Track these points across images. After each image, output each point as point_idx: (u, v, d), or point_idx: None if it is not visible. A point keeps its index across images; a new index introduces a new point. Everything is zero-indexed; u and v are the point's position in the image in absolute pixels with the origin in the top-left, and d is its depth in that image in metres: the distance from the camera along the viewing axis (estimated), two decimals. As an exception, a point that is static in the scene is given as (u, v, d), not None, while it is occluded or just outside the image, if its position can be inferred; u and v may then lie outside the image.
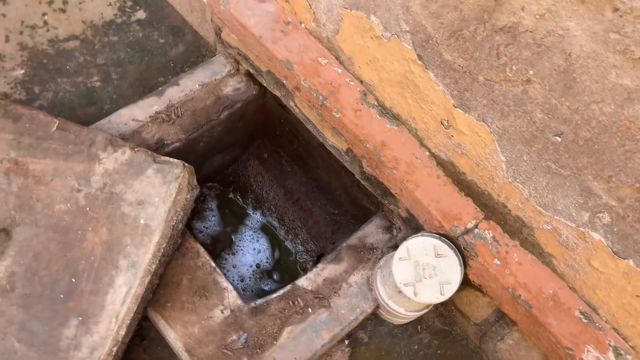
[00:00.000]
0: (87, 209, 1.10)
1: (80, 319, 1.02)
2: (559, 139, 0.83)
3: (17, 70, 1.37)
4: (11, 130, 1.14)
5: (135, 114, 1.30)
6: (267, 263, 1.52)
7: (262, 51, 1.18)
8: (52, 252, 1.06)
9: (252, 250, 1.52)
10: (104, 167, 1.13)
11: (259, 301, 1.15)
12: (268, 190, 1.61)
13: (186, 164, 1.15)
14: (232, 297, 1.14)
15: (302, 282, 1.20)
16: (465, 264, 1.06)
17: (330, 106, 1.12)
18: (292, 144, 1.50)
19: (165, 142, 1.29)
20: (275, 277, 1.50)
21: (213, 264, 1.18)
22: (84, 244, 1.07)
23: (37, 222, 1.08)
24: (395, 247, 1.27)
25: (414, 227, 1.17)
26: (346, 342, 1.22)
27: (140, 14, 1.50)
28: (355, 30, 1.05)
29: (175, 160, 1.15)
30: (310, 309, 1.15)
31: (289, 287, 1.20)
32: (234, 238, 1.54)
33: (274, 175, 1.61)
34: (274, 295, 1.17)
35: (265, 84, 1.31)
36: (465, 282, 1.08)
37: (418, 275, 1.07)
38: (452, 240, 1.06)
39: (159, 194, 1.11)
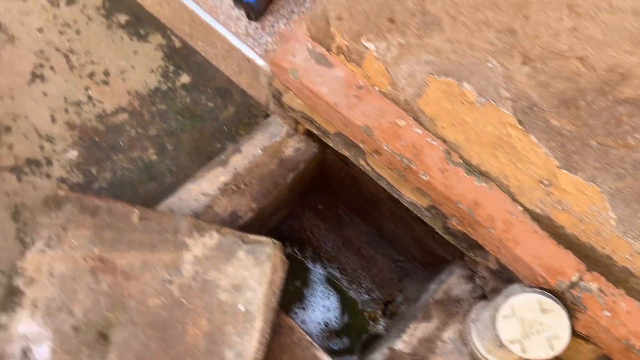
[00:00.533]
0: (183, 300, 1.06)
1: (196, 419, 0.98)
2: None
3: (70, 152, 1.32)
4: (91, 226, 1.09)
5: (204, 188, 1.27)
6: (335, 322, 1.51)
7: (337, 117, 1.17)
8: (153, 351, 1.02)
9: (322, 307, 1.50)
10: (193, 255, 1.09)
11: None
12: (326, 241, 1.59)
13: (275, 241, 1.12)
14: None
15: (399, 345, 1.19)
16: (570, 315, 1.07)
17: (416, 169, 1.11)
18: (351, 196, 1.49)
19: (239, 214, 1.26)
20: (344, 340, 1.49)
21: (309, 338, 1.15)
22: (186, 339, 1.04)
23: (133, 320, 1.04)
24: (481, 297, 1.27)
25: (506, 279, 1.17)
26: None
27: (185, 78, 1.46)
28: (442, 95, 1.04)
29: (264, 238, 1.12)
30: (414, 374, 1.14)
31: (386, 351, 1.18)
32: (305, 292, 1.51)
33: (331, 226, 1.59)
34: (376, 364, 1.15)
35: (331, 144, 1.30)
36: (571, 333, 1.09)
37: (524, 332, 1.06)
38: (556, 295, 1.06)
39: (253, 276, 1.09)
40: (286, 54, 1.18)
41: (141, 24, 1.50)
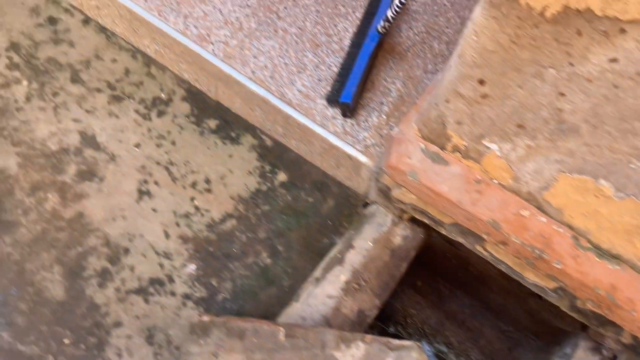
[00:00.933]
0: (343, 416, 1.08)
1: None
2: None
3: (188, 266, 1.35)
4: (240, 350, 1.11)
5: (328, 290, 1.30)
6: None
7: (460, 213, 1.20)
8: None
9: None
10: (344, 368, 1.11)
11: None
12: (429, 317, 1.61)
13: (418, 344, 1.15)
14: None
15: None
16: None
17: (549, 258, 1.14)
18: (455, 273, 1.51)
19: (365, 313, 1.28)
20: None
21: None
22: None
23: None
24: (612, 368, 1.28)
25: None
26: None
27: (282, 177, 1.50)
28: (573, 189, 1.08)
29: (407, 342, 1.15)
30: None
31: None
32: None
33: (432, 302, 1.61)
34: None
35: (445, 233, 1.33)
36: None
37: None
38: None
39: (406, 383, 1.10)
40: (401, 156, 1.22)
41: (231, 126, 1.55)
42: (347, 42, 1.56)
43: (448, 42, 1.61)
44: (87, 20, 1.65)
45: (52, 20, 1.64)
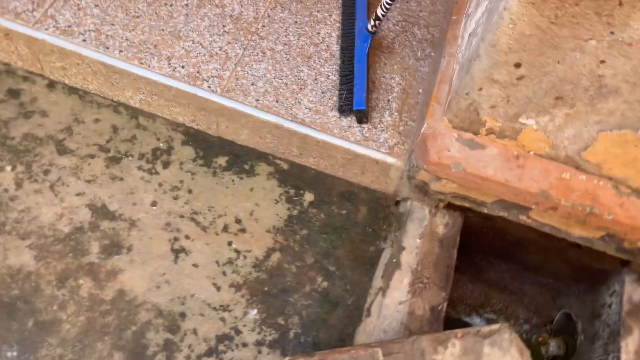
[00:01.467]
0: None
1: None
2: None
3: (250, 313, 1.30)
4: (347, 382, 1.10)
5: (396, 297, 1.30)
6: None
7: (508, 190, 1.24)
8: None
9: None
10: (449, 368, 1.13)
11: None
12: (472, 291, 1.66)
13: (504, 323, 1.18)
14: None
15: (626, 366, 1.29)
16: None
17: (599, 212, 1.21)
18: (492, 245, 1.57)
19: (437, 307, 1.30)
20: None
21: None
22: None
23: None
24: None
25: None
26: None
27: (309, 196, 1.47)
28: (612, 144, 1.14)
29: (495, 326, 1.18)
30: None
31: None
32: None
33: (471, 276, 1.66)
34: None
35: (486, 211, 1.37)
36: None
37: None
38: None
39: (509, 365, 1.14)
40: (441, 150, 1.24)
41: (242, 159, 1.49)
42: (335, 48, 1.54)
43: (427, 26, 1.64)
44: (52, 84, 1.52)
45: (13, 93, 1.49)
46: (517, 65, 1.05)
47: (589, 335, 1.49)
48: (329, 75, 1.48)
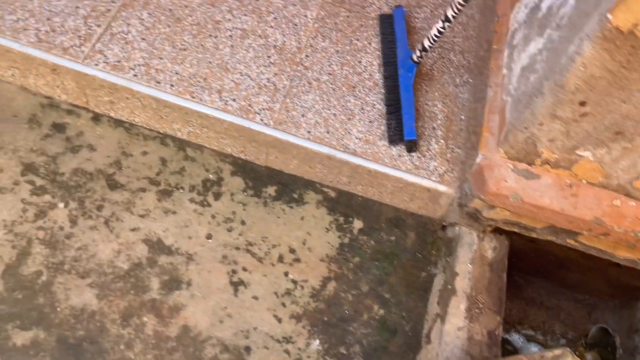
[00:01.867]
0: None
1: None
2: None
3: (312, 343, 1.33)
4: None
5: (455, 322, 1.34)
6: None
7: (562, 218, 1.28)
8: None
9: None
10: (518, 394, 1.17)
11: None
12: (511, 308, 1.71)
13: (567, 349, 1.23)
14: None
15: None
16: None
17: (651, 237, 1.26)
18: (533, 264, 1.62)
19: (495, 332, 1.34)
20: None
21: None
22: None
23: None
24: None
25: None
26: None
27: (358, 224, 1.50)
28: (665, 174, 1.20)
29: (558, 350, 1.22)
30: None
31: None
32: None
33: (511, 294, 1.71)
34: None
35: (535, 236, 1.41)
36: None
37: None
38: None
39: (574, 388, 1.18)
40: (499, 181, 1.28)
41: (290, 188, 1.51)
42: (377, 76, 1.57)
43: (462, 52, 1.68)
44: (97, 117, 1.51)
45: (58, 127, 1.48)
46: (582, 104, 1.10)
47: (629, 349, 1.56)
48: (374, 105, 1.51)
